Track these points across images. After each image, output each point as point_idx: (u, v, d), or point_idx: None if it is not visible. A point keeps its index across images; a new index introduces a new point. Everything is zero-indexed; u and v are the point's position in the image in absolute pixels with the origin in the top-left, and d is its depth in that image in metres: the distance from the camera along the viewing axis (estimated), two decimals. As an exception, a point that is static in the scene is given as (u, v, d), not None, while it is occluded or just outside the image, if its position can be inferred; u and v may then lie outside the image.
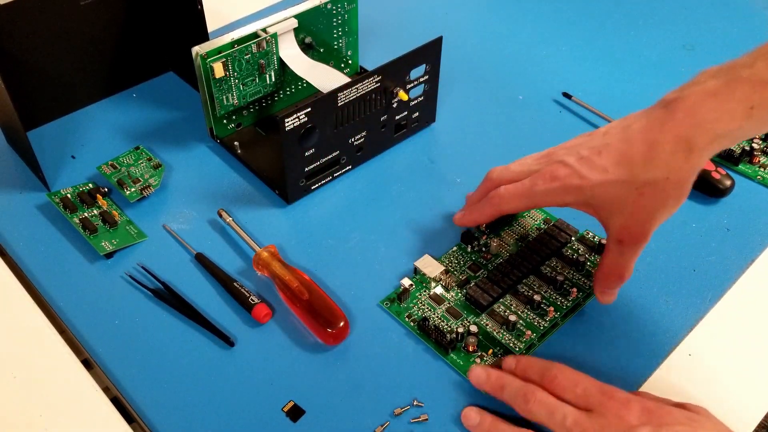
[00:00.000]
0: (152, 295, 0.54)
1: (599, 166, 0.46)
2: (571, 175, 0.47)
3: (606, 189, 0.46)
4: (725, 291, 0.55)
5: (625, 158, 0.45)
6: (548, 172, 0.49)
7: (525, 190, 0.50)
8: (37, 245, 0.58)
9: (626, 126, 0.47)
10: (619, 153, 0.46)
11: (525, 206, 0.51)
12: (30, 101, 0.68)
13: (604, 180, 0.46)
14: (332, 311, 0.51)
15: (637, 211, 0.45)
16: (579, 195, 0.47)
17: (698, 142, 0.43)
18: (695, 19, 0.85)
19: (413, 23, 0.84)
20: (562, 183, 0.48)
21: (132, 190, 0.61)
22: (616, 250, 0.48)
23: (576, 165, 0.47)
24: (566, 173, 0.47)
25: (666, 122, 0.44)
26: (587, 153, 0.47)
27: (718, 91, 0.43)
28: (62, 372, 0.51)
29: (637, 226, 0.46)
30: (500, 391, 0.46)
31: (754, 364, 0.51)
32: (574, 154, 0.48)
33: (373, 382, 0.49)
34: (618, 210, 0.46)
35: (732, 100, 0.42)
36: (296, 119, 0.56)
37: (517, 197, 0.51)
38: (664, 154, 0.44)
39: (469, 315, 0.53)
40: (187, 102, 0.72)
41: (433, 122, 0.70)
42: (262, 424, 0.47)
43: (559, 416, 0.43)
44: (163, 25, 0.71)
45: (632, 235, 0.46)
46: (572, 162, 0.47)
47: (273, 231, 0.60)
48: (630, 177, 0.45)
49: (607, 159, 0.46)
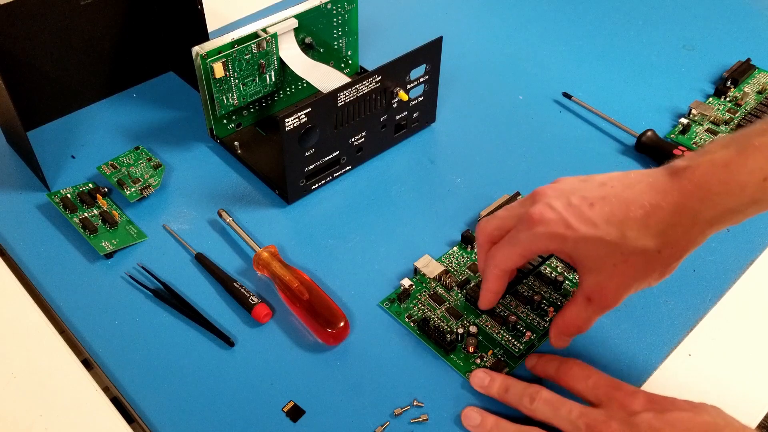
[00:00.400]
0: (152, 295, 0.54)
1: (588, 218, 0.42)
2: (557, 221, 0.43)
3: (590, 245, 0.42)
4: (725, 291, 0.55)
5: (618, 218, 0.42)
6: (533, 216, 0.44)
7: (510, 239, 0.46)
8: (37, 245, 0.58)
9: (627, 184, 0.43)
10: (613, 210, 0.42)
11: (518, 259, 0.46)
12: (30, 101, 0.68)
13: (591, 235, 0.42)
14: (332, 311, 0.51)
15: (616, 276, 0.43)
16: (562, 245, 0.43)
17: (703, 216, 0.40)
18: (695, 19, 0.85)
19: (413, 23, 0.84)
20: (546, 229, 0.43)
21: (132, 190, 0.61)
22: (582, 305, 0.45)
23: (563, 212, 0.43)
24: (552, 218, 0.43)
25: (670, 190, 0.41)
26: (578, 201, 0.43)
27: (729, 161, 0.40)
28: (62, 372, 0.51)
29: (611, 291, 0.43)
30: (504, 392, 0.47)
31: (754, 364, 0.51)
32: (564, 199, 0.44)
33: (373, 382, 0.49)
34: (597, 269, 0.43)
35: (744, 172, 0.39)
36: (296, 119, 0.56)
37: (507, 253, 0.46)
38: (662, 223, 0.41)
39: (469, 315, 0.53)
40: (187, 102, 0.72)
41: (433, 122, 0.70)
42: (262, 424, 0.47)
43: (565, 411, 0.44)
44: (163, 25, 0.71)
45: (603, 298, 0.44)
46: (560, 208, 0.43)
47: (273, 231, 0.60)
48: (619, 240, 0.41)
49: (599, 213, 0.42)
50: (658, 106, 0.72)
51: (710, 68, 0.77)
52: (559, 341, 0.48)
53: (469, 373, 0.49)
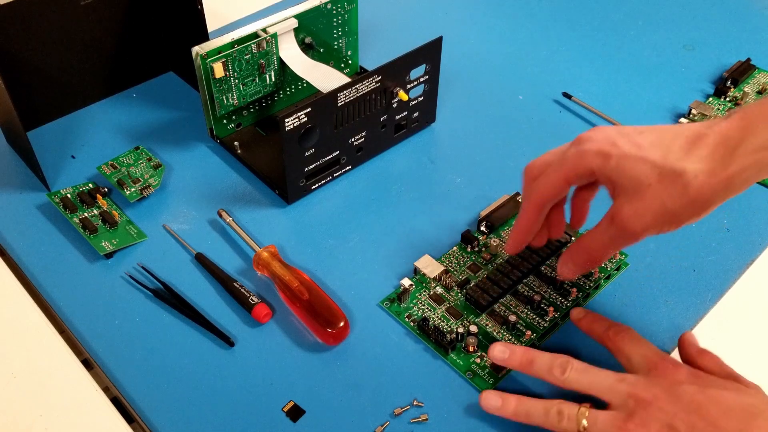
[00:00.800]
0: (152, 295, 0.54)
1: (635, 141, 0.43)
2: (604, 138, 0.44)
3: (631, 164, 0.42)
4: (725, 291, 0.55)
5: (664, 142, 0.42)
6: (582, 136, 0.45)
7: (556, 162, 0.46)
8: (37, 245, 0.58)
9: (678, 124, 0.44)
10: (661, 136, 0.43)
11: (561, 183, 0.46)
12: (30, 101, 0.68)
13: (634, 154, 0.42)
14: (332, 311, 0.51)
15: (647, 198, 0.42)
16: (605, 162, 0.43)
17: (743, 146, 0.40)
18: (695, 19, 0.85)
19: (413, 23, 0.84)
20: (593, 144, 0.44)
21: (132, 190, 0.61)
22: (604, 226, 0.44)
23: (612, 134, 0.44)
24: (600, 136, 0.44)
25: (719, 122, 0.42)
26: (628, 129, 0.44)
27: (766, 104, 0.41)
28: (62, 372, 0.51)
29: (634, 212, 0.42)
30: (529, 365, 0.47)
31: (754, 364, 0.51)
32: (614, 128, 0.45)
33: (373, 382, 0.49)
34: (631, 189, 0.42)
35: None
36: (296, 119, 0.56)
37: (551, 178, 0.46)
38: (705, 147, 0.41)
39: (469, 315, 0.53)
40: (187, 102, 0.72)
41: (433, 122, 0.70)
42: (262, 424, 0.47)
43: (602, 377, 0.44)
44: (163, 25, 0.71)
45: (625, 219, 0.43)
46: (610, 131, 0.44)
47: (273, 231, 0.60)
48: (660, 159, 0.41)
49: (646, 137, 0.43)
50: (658, 106, 0.72)
51: (710, 68, 0.77)
52: (566, 266, 0.48)
53: (469, 372, 0.49)
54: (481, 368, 0.50)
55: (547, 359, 0.46)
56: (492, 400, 0.46)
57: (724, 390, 0.42)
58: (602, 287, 0.55)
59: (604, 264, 0.56)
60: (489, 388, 0.48)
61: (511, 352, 0.48)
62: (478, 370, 0.50)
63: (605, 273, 0.55)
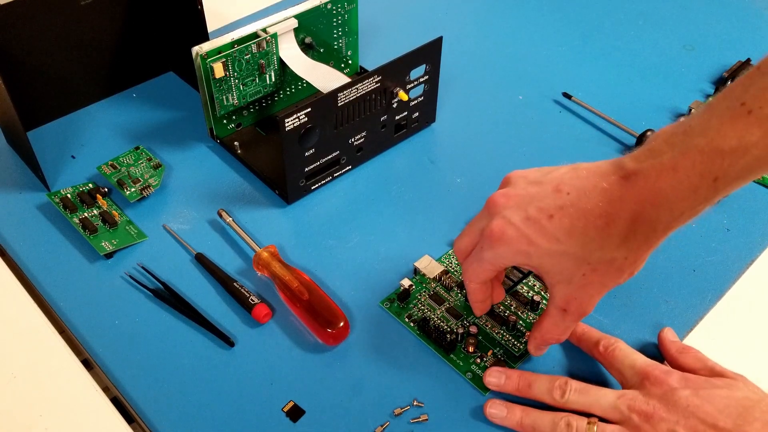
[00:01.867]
0: (152, 295, 0.54)
1: (549, 233, 0.42)
2: (518, 239, 0.42)
3: (555, 259, 0.42)
4: (725, 291, 0.55)
5: (579, 230, 0.41)
6: (493, 234, 0.43)
7: (476, 257, 0.46)
8: (37, 245, 0.58)
9: (581, 190, 0.42)
10: (573, 222, 0.41)
11: (488, 273, 0.46)
12: (30, 101, 0.68)
13: (555, 250, 0.42)
14: (332, 311, 0.51)
15: (587, 286, 0.43)
16: (527, 260, 0.43)
17: (661, 221, 0.40)
18: (695, 19, 0.85)
19: (413, 23, 0.84)
20: (509, 248, 0.43)
21: (132, 190, 0.61)
22: (558, 317, 0.45)
23: (523, 227, 0.42)
24: (512, 236, 0.43)
25: (626, 198, 0.40)
26: (535, 213, 0.42)
27: (677, 165, 0.39)
28: (62, 372, 0.51)
29: (585, 299, 0.44)
30: (527, 389, 0.47)
31: (754, 364, 0.51)
32: (521, 212, 0.43)
33: (373, 382, 0.49)
34: (566, 280, 0.43)
35: (693, 174, 0.38)
36: (296, 119, 0.56)
37: (476, 269, 0.46)
38: (623, 233, 0.40)
39: (469, 315, 0.53)
40: (187, 102, 0.72)
41: (433, 122, 0.70)
42: (262, 424, 0.47)
43: (601, 397, 0.45)
44: (163, 25, 0.71)
45: (578, 307, 0.44)
46: (518, 222, 0.42)
47: (273, 231, 0.60)
48: (584, 253, 0.41)
49: (558, 226, 0.41)
50: (658, 106, 0.72)
51: (710, 68, 0.77)
52: (538, 352, 0.49)
53: (469, 372, 0.49)
54: (481, 369, 0.50)
55: (545, 382, 0.47)
56: (497, 410, 0.47)
57: (715, 388, 0.44)
58: (602, 287, 0.55)
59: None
60: (488, 389, 0.48)
61: (507, 377, 0.48)
62: (478, 370, 0.50)
63: (605, 273, 0.55)
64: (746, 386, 0.44)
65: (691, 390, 0.43)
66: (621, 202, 0.40)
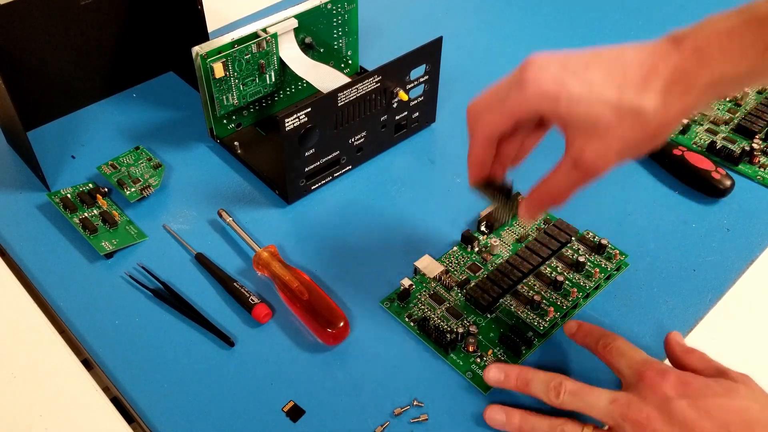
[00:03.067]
0: (152, 295, 0.54)
1: (584, 78, 0.40)
2: (551, 80, 0.40)
3: (585, 105, 0.40)
4: (725, 291, 0.55)
5: (615, 78, 0.39)
6: (526, 76, 0.41)
7: (495, 106, 0.43)
8: (37, 245, 0.58)
9: (623, 48, 0.41)
10: (611, 70, 0.40)
11: (506, 121, 0.43)
12: (30, 101, 0.68)
13: (586, 96, 0.40)
14: (332, 311, 0.51)
15: (607, 138, 0.40)
16: (555, 104, 0.40)
17: (701, 80, 0.39)
18: (695, 19, 0.84)
19: (413, 23, 0.84)
20: (538, 88, 0.40)
21: (132, 190, 0.61)
22: (567, 169, 0.42)
23: (557, 72, 0.40)
24: (545, 77, 0.40)
25: (670, 53, 0.39)
26: (572, 63, 0.41)
27: (731, 30, 0.39)
28: (62, 372, 0.51)
29: (602, 150, 0.41)
30: (525, 386, 0.47)
31: (754, 364, 0.51)
32: (558, 61, 0.41)
33: (373, 382, 0.49)
34: (588, 130, 0.40)
35: (745, 40, 0.38)
36: (296, 119, 0.56)
37: (495, 117, 0.43)
38: (660, 84, 0.39)
39: (469, 315, 0.53)
40: (187, 102, 0.72)
41: (433, 122, 0.70)
42: (262, 424, 0.47)
43: (594, 399, 0.44)
44: (163, 25, 0.71)
45: (591, 162, 0.41)
46: (553, 68, 0.41)
47: (273, 231, 0.60)
48: (616, 99, 0.39)
49: (595, 73, 0.40)
50: (658, 106, 0.72)
51: (710, 68, 0.77)
52: (530, 210, 0.46)
53: (469, 372, 0.49)
54: (481, 368, 0.50)
55: (542, 380, 0.46)
56: (496, 414, 0.47)
57: (714, 397, 0.42)
58: (602, 287, 0.55)
59: (604, 264, 0.56)
60: (488, 388, 0.48)
61: (506, 374, 0.48)
62: (478, 370, 0.50)
63: (605, 273, 0.55)
64: (748, 389, 0.43)
65: (689, 401, 0.42)
66: (666, 55, 0.40)
